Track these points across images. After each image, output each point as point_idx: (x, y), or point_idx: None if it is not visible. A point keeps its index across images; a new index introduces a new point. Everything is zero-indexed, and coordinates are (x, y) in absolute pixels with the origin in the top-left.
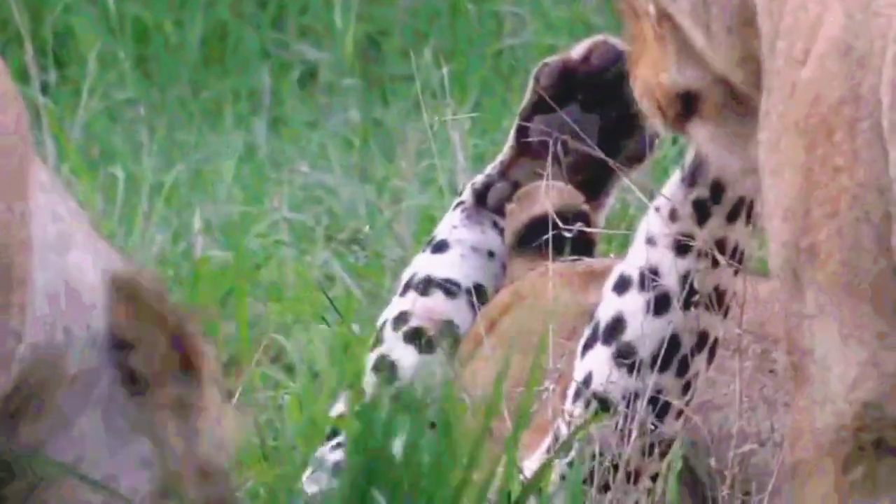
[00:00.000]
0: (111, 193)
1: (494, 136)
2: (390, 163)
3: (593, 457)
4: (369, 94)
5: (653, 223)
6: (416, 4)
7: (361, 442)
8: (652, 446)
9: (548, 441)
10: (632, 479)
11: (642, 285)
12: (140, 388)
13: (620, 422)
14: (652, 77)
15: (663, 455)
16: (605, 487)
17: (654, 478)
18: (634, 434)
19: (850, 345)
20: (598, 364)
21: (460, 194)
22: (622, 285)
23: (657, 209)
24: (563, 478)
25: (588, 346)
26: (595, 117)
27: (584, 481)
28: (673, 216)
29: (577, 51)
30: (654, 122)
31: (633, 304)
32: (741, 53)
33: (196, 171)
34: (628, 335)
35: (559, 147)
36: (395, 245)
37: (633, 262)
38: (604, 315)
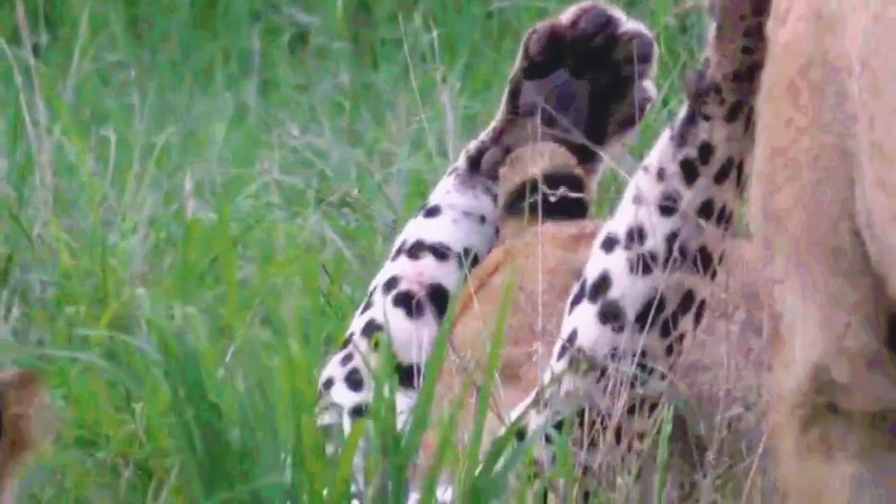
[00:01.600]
0: (103, 155)
1: (485, 98)
2: (380, 126)
3: (581, 415)
4: (359, 57)
5: (641, 182)
6: None
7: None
8: (637, 406)
9: (531, 396)
10: (620, 438)
11: (629, 244)
12: None
13: (606, 382)
14: None
15: (650, 414)
16: (593, 444)
17: (640, 437)
18: (618, 391)
19: (808, 308)
20: (583, 321)
21: (454, 161)
22: (609, 243)
23: (646, 168)
24: (548, 439)
25: (575, 302)
26: (585, 82)
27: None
28: (661, 175)
29: (565, 16)
30: None
31: (619, 263)
32: None
33: (187, 134)
34: (614, 293)
35: (551, 113)
36: (385, 208)
37: (620, 221)
38: (591, 273)
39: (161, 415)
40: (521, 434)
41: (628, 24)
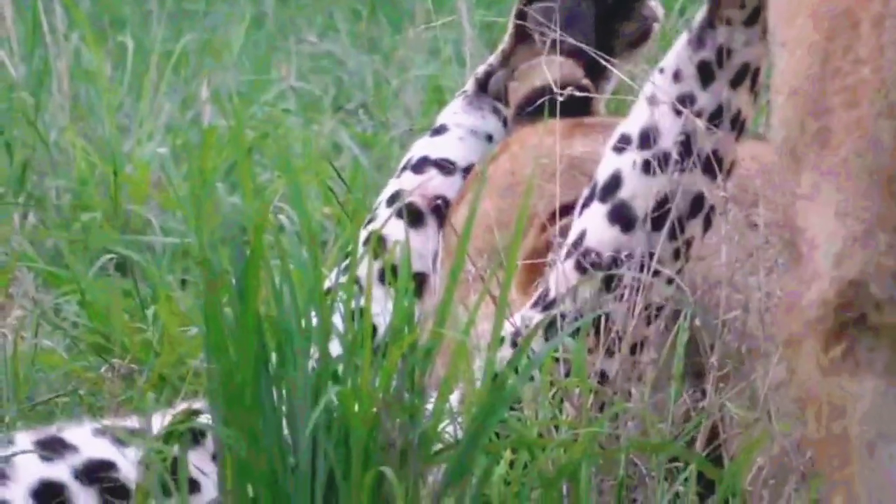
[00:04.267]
0: (120, 62)
1: (500, 7)
2: (397, 33)
3: (596, 325)
4: None
5: (656, 83)
6: None
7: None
8: (645, 308)
9: (538, 292)
10: (632, 348)
11: (642, 144)
12: None
13: (615, 284)
14: None
15: (657, 317)
16: (610, 353)
17: (645, 344)
18: (626, 294)
19: (846, 225)
20: (592, 221)
21: (472, 68)
22: (622, 144)
23: (661, 70)
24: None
25: (585, 204)
26: (591, 2)
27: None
28: (677, 77)
29: None
30: None
31: (631, 162)
32: None
33: (204, 41)
34: (624, 193)
35: (558, 32)
36: (401, 115)
37: (634, 121)
38: (602, 174)
39: (178, 323)
40: (518, 333)
41: None
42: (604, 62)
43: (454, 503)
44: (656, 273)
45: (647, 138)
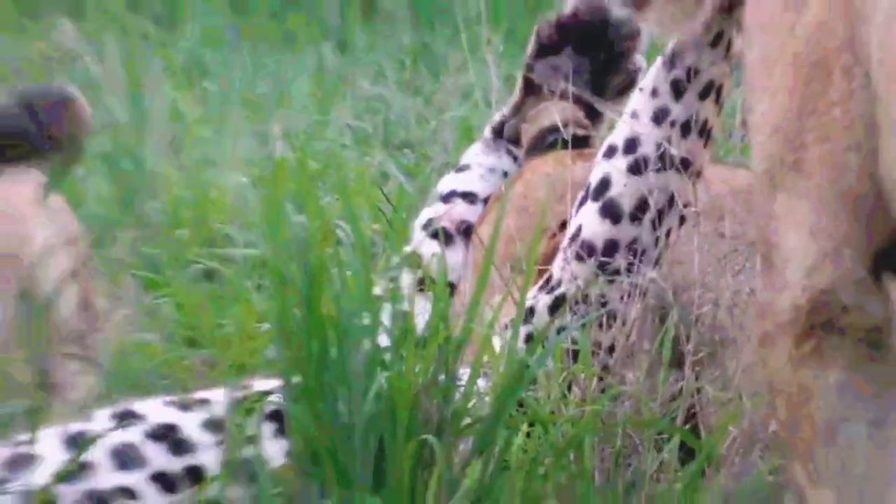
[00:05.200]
0: (207, 105)
1: (522, 59)
2: (436, 80)
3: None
4: (419, 22)
5: (636, 100)
6: None
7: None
8: (629, 293)
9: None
10: (620, 324)
11: (626, 151)
12: None
13: (606, 271)
14: None
15: (643, 296)
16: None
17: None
18: (614, 278)
19: (817, 241)
20: (587, 217)
21: (497, 109)
22: (610, 152)
23: (641, 89)
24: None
25: (581, 203)
26: (586, 60)
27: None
28: (654, 93)
29: (567, 8)
30: (615, 2)
31: (618, 166)
32: None
33: (275, 87)
34: (612, 192)
35: (560, 82)
36: (439, 149)
37: (619, 133)
38: (594, 178)
39: (254, 319)
40: (531, 311)
41: (618, 10)
42: (599, 107)
43: (481, 467)
44: (641, 259)
45: (630, 146)
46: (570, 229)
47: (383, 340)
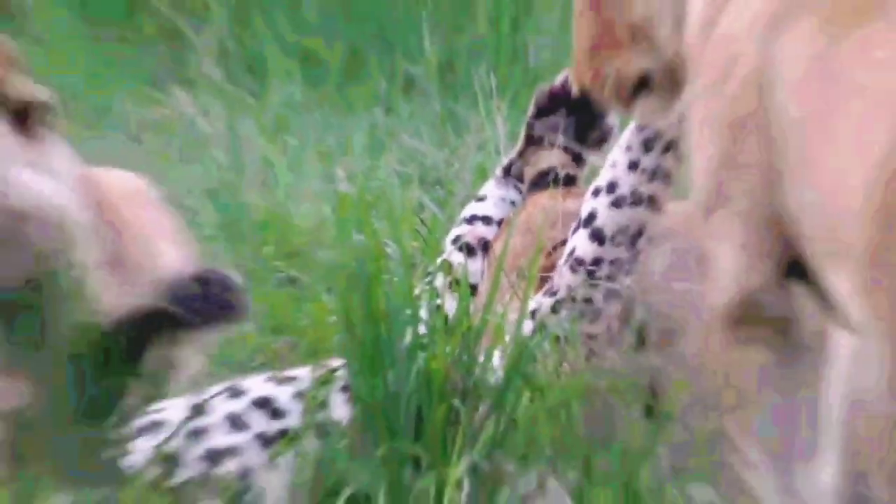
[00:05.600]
0: (288, 154)
1: (524, 119)
2: (459, 137)
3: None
4: (446, 94)
5: (616, 153)
6: (475, 39)
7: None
8: (610, 296)
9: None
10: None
11: (608, 191)
12: None
13: (594, 279)
14: (616, 66)
15: (616, 301)
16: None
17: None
18: (602, 286)
19: (741, 254)
20: (579, 240)
21: (504, 158)
22: (596, 192)
23: (619, 146)
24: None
25: (574, 231)
26: (573, 119)
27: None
28: (629, 149)
29: (558, 80)
30: (604, 97)
31: (602, 203)
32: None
33: (340, 141)
34: (598, 222)
35: (553, 136)
36: (462, 186)
37: (603, 178)
38: (584, 211)
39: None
40: (536, 311)
41: (609, 109)
42: (582, 154)
43: (493, 424)
44: (619, 272)
45: (611, 188)
46: (566, 249)
47: (422, 329)
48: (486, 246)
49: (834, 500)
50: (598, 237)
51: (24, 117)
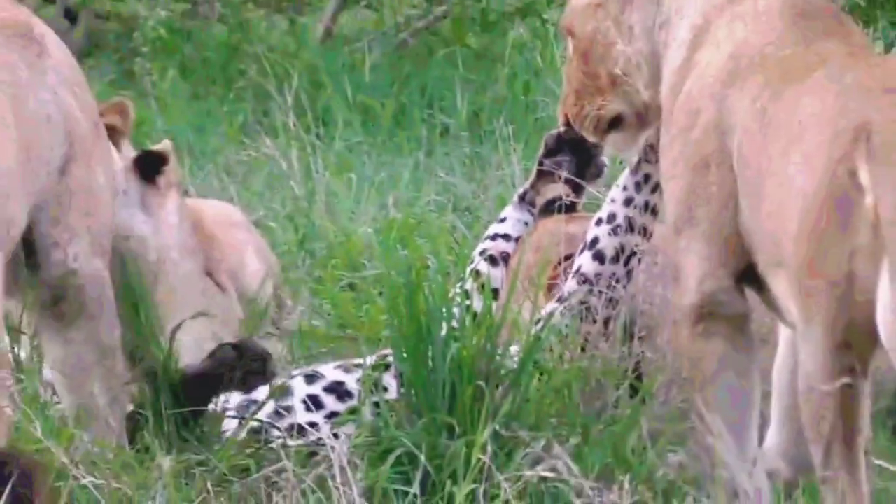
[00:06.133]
0: (350, 187)
1: (535, 157)
2: (484, 172)
3: (582, 314)
4: (473, 139)
5: (613, 192)
6: (496, 97)
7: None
8: (609, 302)
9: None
10: (605, 323)
11: (608, 222)
12: None
13: (595, 291)
14: (596, 106)
15: (615, 307)
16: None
17: (605, 322)
18: (601, 295)
19: (704, 264)
20: (584, 259)
21: (518, 190)
22: (598, 222)
23: (616, 185)
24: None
25: (581, 252)
26: (574, 158)
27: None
28: (625, 188)
29: (562, 127)
30: (583, 129)
31: (603, 230)
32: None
33: (390, 177)
34: (599, 245)
35: (559, 171)
36: (486, 212)
37: (604, 210)
38: (589, 236)
39: (379, 312)
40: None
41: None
42: (582, 186)
43: (510, 400)
44: (616, 284)
45: (610, 219)
46: (574, 267)
47: (454, 324)
48: (506, 259)
49: (779, 460)
50: (599, 258)
51: (145, 167)
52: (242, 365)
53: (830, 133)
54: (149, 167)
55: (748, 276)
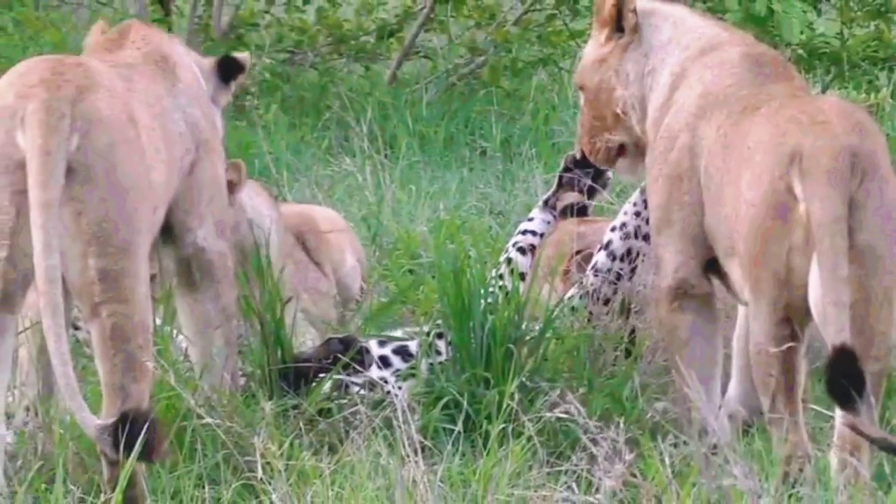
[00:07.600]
0: (411, 196)
1: (556, 173)
2: (513, 185)
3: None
4: (505, 159)
5: (626, 206)
6: (523, 126)
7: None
8: (615, 292)
9: (573, 289)
10: (609, 305)
11: (620, 229)
12: None
13: (606, 281)
14: (604, 140)
15: (615, 292)
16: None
17: (606, 302)
18: (610, 285)
19: (680, 257)
20: (600, 257)
21: (540, 198)
22: (612, 229)
23: (628, 201)
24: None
25: (598, 251)
26: (587, 173)
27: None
28: (635, 204)
29: (577, 151)
30: (597, 160)
31: (616, 236)
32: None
33: (441, 188)
34: (612, 247)
35: (576, 184)
36: (516, 215)
37: (618, 220)
38: (604, 239)
39: (429, 298)
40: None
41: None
42: (594, 194)
43: (533, 359)
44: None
45: (622, 227)
46: (591, 263)
47: (490, 301)
48: (533, 250)
49: (738, 406)
50: (612, 256)
51: (224, 71)
52: (347, 356)
53: (772, 156)
54: (227, 72)
55: (712, 265)
